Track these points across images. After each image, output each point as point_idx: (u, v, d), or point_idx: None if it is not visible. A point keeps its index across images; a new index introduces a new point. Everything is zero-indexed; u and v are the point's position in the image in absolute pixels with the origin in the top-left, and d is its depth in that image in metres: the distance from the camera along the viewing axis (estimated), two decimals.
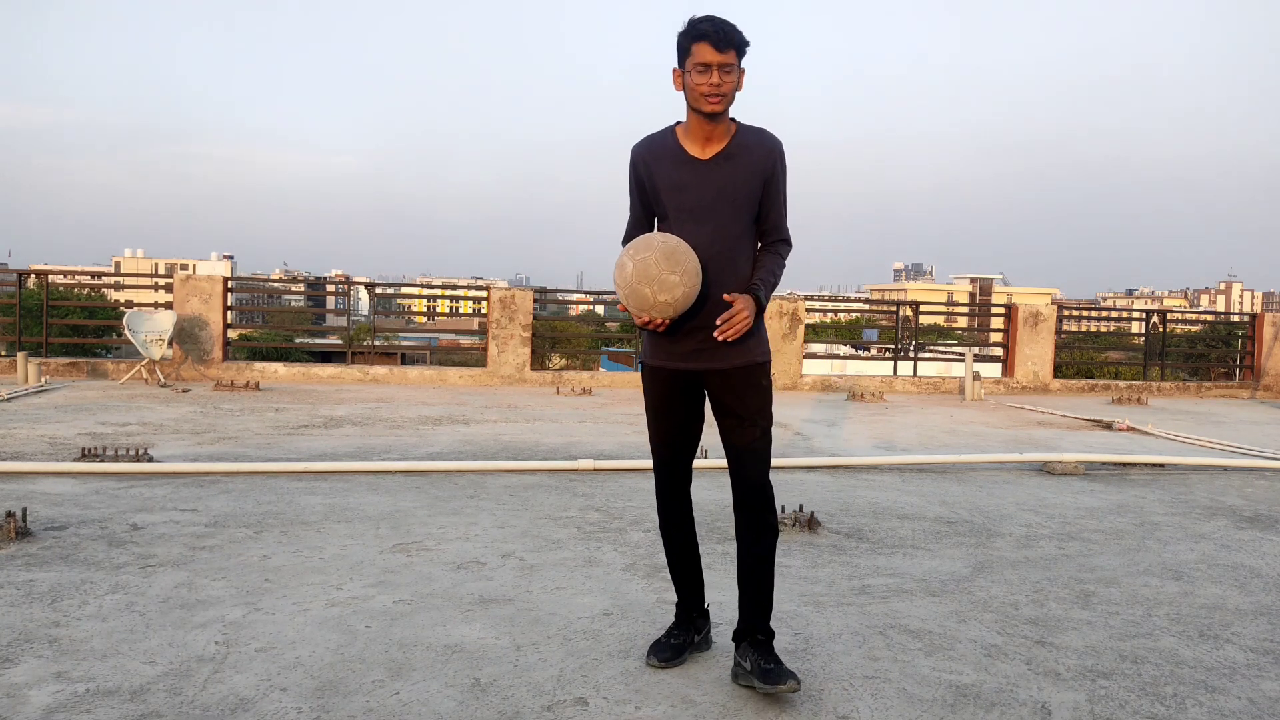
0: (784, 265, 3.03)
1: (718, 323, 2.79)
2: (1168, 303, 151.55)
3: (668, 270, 2.76)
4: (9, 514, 4.27)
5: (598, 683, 2.91)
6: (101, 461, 5.97)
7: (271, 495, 5.32)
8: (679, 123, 2.98)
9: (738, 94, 2.89)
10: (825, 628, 3.42)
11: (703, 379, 2.94)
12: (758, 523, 2.94)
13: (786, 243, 3.04)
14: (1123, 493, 6.15)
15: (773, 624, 2.98)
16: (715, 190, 2.89)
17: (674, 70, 2.91)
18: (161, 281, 15.61)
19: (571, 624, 3.40)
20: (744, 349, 2.91)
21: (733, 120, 2.95)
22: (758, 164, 2.92)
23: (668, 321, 2.82)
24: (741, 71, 2.88)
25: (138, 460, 6.04)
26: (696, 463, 3.26)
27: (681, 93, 2.91)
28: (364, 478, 5.91)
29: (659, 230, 2.99)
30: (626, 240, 3.04)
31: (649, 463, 3.14)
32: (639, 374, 13.93)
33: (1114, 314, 32.69)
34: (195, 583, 3.75)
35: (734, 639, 2.97)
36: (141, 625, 3.28)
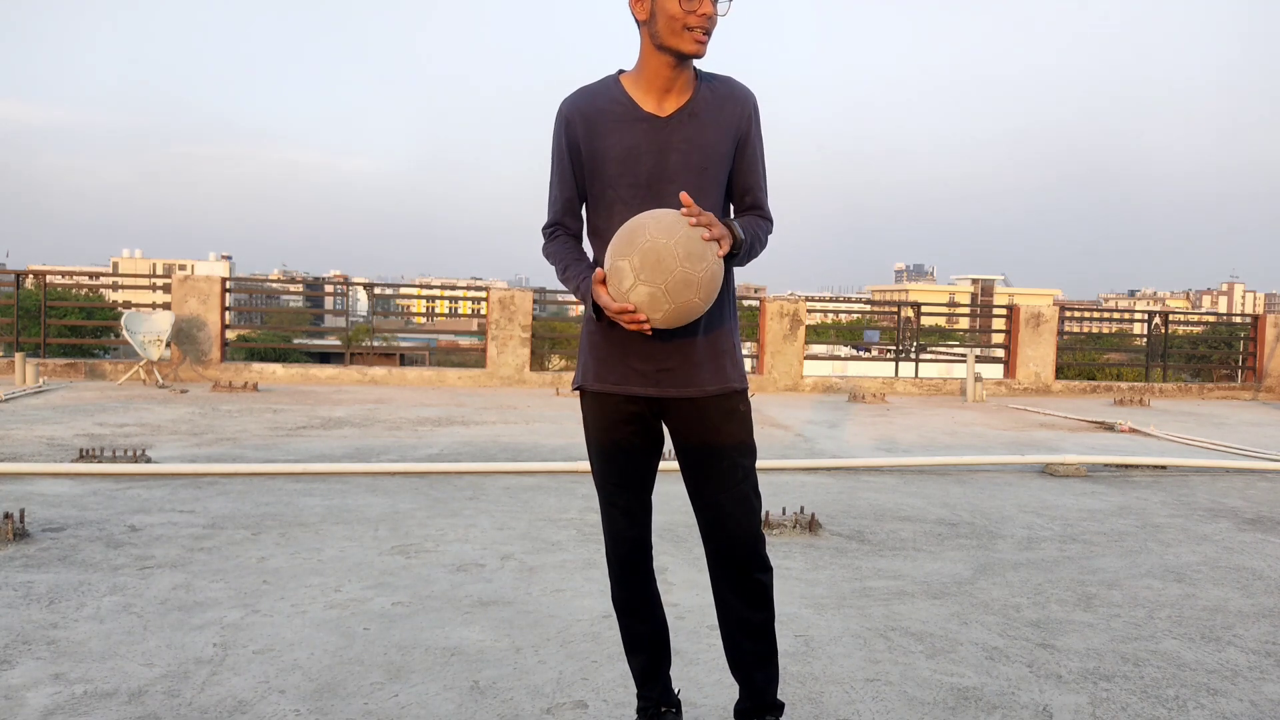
0: (767, 234, 2.33)
1: (683, 213, 2.07)
2: (1170, 304, 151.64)
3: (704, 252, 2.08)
4: (6, 515, 4.26)
5: (597, 685, 2.90)
6: (99, 463, 5.96)
7: (270, 497, 5.31)
8: (622, 70, 2.30)
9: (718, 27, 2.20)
10: (826, 630, 3.41)
11: (663, 409, 2.32)
12: (752, 586, 2.33)
13: (768, 219, 2.36)
14: (1124, 494, 6.13)
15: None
16: (679, 157, 2.21)
17: None
18: (159, 282, 15.59)
19: (571, 626, 3.39)
20: (720, 372, 2.29)
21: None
22: (730, 121, 2.25)
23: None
24: None
25: (135, 461, 6.03)
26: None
27: (644, 23, 2.17)
28: (362, 479, 5.89)
29: (590, 215, 2.33)
30: (552, 233, 2.35)
31: None
32: None
33: (1116, 315, 32.69)
34: (193, 584, 3.74)
35: (738, 717, 2.46)
36: (139, 627, 3.26)
